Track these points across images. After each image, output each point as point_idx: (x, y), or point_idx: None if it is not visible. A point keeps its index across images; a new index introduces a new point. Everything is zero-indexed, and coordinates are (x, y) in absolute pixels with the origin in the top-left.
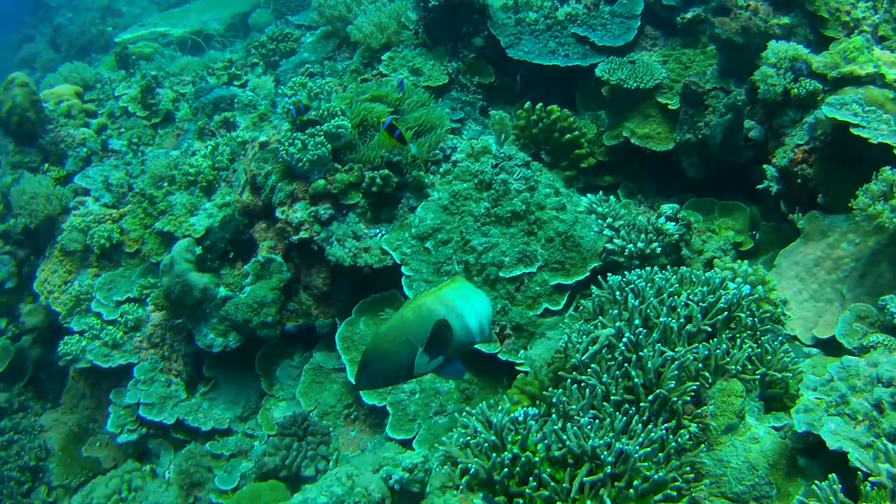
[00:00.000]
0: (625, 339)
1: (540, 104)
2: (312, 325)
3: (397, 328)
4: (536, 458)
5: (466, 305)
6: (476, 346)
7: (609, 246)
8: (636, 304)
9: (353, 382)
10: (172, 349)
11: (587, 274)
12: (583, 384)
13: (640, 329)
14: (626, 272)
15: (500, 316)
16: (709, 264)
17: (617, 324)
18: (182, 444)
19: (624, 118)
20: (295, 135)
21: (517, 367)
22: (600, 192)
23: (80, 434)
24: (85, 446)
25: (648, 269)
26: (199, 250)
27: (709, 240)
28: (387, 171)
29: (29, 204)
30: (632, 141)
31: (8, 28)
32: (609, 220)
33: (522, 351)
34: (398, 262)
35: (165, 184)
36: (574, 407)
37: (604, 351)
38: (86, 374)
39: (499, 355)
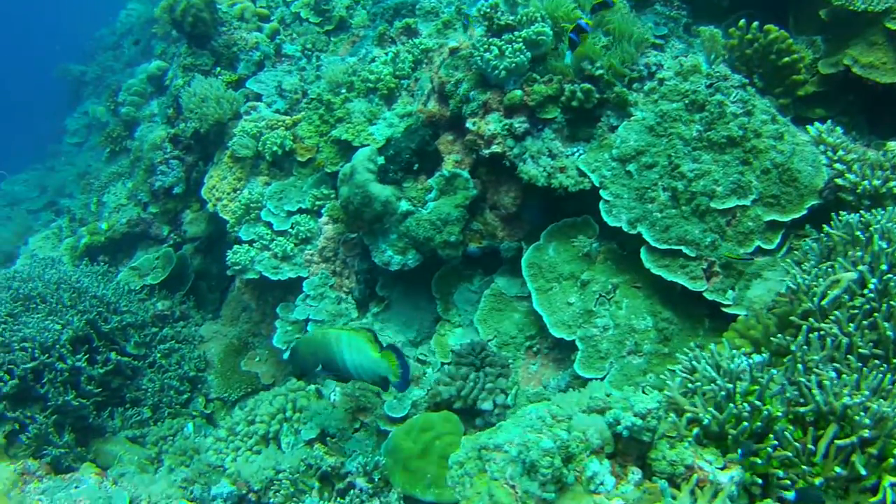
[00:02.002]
0: (871, 286)
1: (756, 22)
2: (496, 248)
3: (311, 341)
4: (778, 413)
5: (351, 356)
6: (681, 284)
7: (840, 181)
8: (884, 246)
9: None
10: (345, 265)
11: (804, 212)
12: (822, 333)
13: (891, 276)
14: (861, 212)
15: (710, 251)
16: None
17: (859, 268)
18: None
19: (845, 45)
20: (491, 40)
21: (722, 308)
22: (829, 122)
23: (240, 347)
24: (244, 360)
25: (892, 209)
26: (381, 160)
27: None
28: (588, 86)
29: (199, 107)
30: (853, 70)
31: None
32: (840, 152)
33: (730, 291)
34: (596, 184)
35: (343, 90)
36: (816, 358)
37: (844, 297)
38: (252, 285)
39: (705, 294)
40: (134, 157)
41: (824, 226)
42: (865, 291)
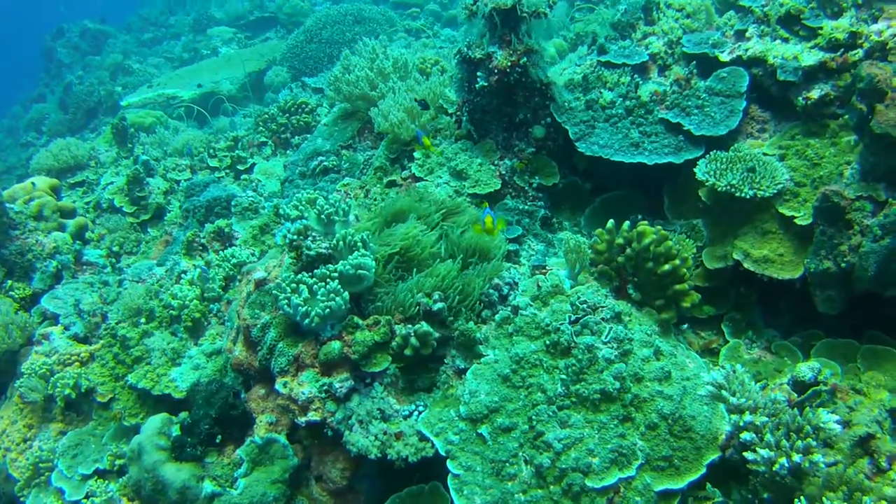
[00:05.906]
0: None
1: (626, 223)
2: None
3: None
4: None
5: None
6: None
7: (750, 456)
8: None
9: None
10: None
11: (703, 471)
12: None
13: None
14: None
15: None
16: (862, 444)
17: None
18: None
19: (732, 233)
20: (300, 277)
21: None
22: (728, 366)
23: None
24: None
25: None
26: (176, 431)
27: (858, 406)
28: (425, 328)
29: None
30: (745, 265)
31: (22, 81)
32: (748, 416)
33: None
34: (442, 453)
35: (143, 319)
36: None
37: None
38: None
39: None
40: None
41: None
42: None
